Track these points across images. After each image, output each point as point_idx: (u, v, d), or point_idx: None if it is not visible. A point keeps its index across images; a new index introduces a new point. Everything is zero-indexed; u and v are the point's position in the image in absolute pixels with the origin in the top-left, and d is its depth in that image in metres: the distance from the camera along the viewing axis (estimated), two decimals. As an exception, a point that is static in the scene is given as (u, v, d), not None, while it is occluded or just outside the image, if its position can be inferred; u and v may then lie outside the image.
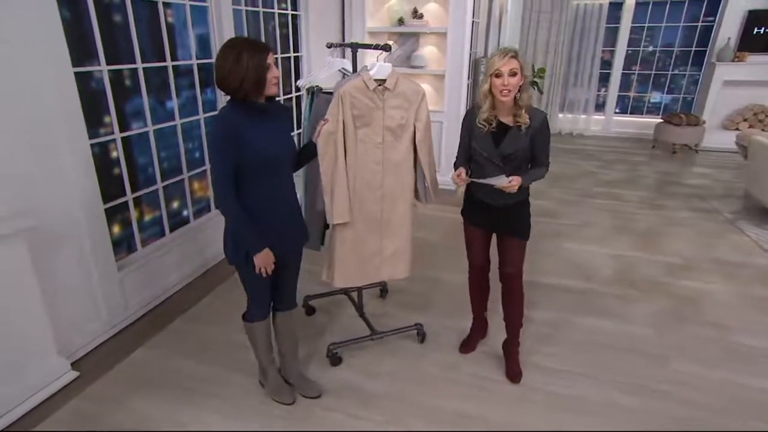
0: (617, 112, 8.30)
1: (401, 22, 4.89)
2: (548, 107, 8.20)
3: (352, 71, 2.41)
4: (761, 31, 6.69)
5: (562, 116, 8.37)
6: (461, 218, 2.34)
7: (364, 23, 4.90)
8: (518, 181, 1.98)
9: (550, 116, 8.12)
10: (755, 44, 6.76)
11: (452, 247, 2.40)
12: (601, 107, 8.31)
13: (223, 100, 2.22)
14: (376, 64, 2.12)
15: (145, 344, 2.59)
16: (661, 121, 7.18)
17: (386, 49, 2.11)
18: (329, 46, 2.42)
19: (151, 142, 2.89)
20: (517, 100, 1.99)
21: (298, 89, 4.39)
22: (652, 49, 7.94)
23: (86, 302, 2.49)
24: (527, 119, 1.99)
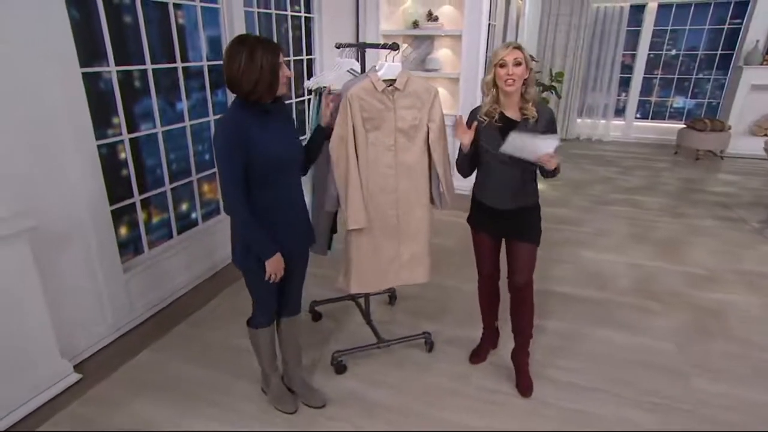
0: (638, 117, 8.10)
1: (416, 24, 4.85)
2: (566, 112, 8.05)
3: (360, 72, 2.36)
4: (791, 33, 6.45)
5: (580, 121, 8.21)
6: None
7: (378, 26, 4.86)
8: (557, 158, 1.85)
9: (568, 121, 8.06)
10: (785, 47, 6.52)
11: (467, 253, 2.32)
12: (621, 112, 8.13)
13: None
14: (384, 64, 2.07)
15: (149, 347, 2.56)
16: (684, 126, 6.98)
17: (394, 48, 2.05)
18: (338, 46, 2.39)
19: (159, 143, 2.88)
20: (523, 94, 1.95)
21: (309, 92, 4.36)
22: (675, 52, 7.73)
23: (91, 304, 2.48)
24: (534, 112, 1.95)
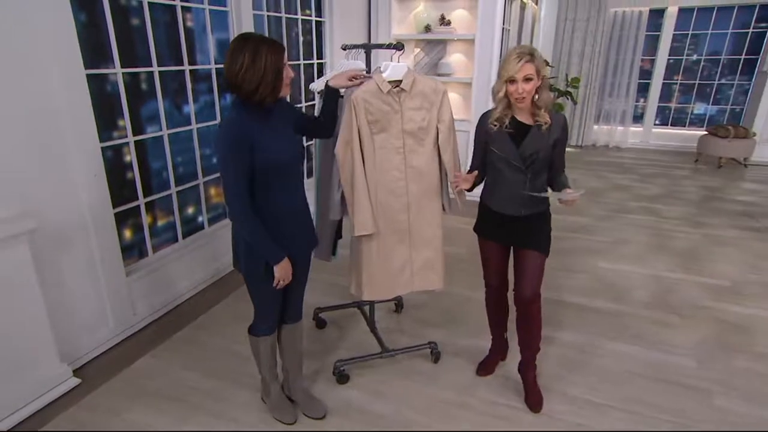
0: (657, 123, 7.91)
1: (428, 29, 4.79)
2: (582, 118, 7.90)
3: (366, 73, 2.30)
4: (819, 37, 6.25)
5: (597, 128, 8.05)
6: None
7: (389, 30, 4.82)
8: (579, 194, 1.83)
9: (584, 127, 7.91)
10: (812, 52, 6.32)
11: (476, 261, 2.24)
12: (639, 119, 7.94)
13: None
14: (389, 64, 2.01)
15: (150, 353, 2.53)
16: (705, 133, 6.79)
17: (399, 48, 2.00)
18: (344, 48, 2.34)
19: (165, 146, 2.86)
20: (535, 100, 1.87)
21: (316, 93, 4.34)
22: (696, 57, 7.53)
23: (93, 308, 2.45)
24: (547, 117, 1.88)
